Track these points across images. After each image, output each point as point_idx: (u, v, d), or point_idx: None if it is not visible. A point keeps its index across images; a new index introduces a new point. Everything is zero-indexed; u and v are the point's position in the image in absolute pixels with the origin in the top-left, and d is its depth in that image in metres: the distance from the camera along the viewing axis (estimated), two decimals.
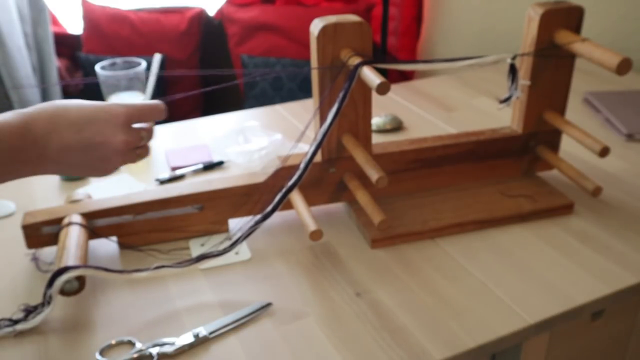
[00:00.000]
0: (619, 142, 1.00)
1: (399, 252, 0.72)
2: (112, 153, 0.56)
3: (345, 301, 0.65)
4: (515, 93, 0.75)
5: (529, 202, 0.79)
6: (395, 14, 2.06)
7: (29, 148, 0.51)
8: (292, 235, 0.76)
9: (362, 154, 0.70)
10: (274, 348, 0.59)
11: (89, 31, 2.13)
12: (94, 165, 0.55)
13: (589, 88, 1.22)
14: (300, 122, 1.09)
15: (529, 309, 0.63)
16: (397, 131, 1.05)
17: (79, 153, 0.53)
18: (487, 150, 0.82)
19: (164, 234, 0.74)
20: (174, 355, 0.58)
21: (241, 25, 2.09)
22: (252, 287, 0.67)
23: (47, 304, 0.60)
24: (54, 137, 0.52)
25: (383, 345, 0.59)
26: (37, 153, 0.52)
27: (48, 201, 0.85)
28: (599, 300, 0.65)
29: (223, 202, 0.74)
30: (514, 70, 0.74)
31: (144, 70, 0.99)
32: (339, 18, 0.68)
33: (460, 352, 0.58)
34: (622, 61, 0.65)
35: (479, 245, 0.74)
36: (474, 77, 1.31)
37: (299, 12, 2.04)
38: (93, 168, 0.56)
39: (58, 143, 0.52)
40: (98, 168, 0.56)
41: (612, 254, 0.71)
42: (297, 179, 0.68)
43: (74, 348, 0.59)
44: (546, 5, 0.75)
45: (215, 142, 1.00)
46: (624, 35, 1.40)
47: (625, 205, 0.81)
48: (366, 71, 0.64)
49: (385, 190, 0.80)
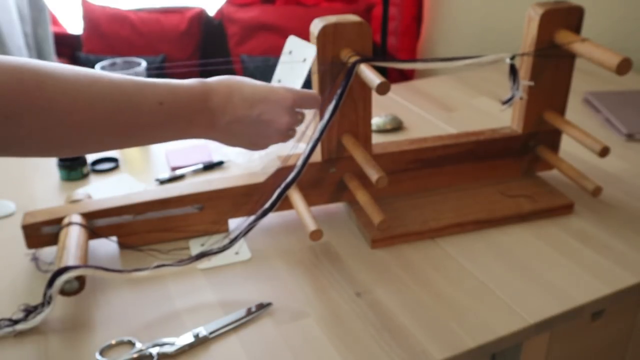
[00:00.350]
0: (619, 142, 1.00)
1: (399, 252, 0.72)
2: (274, 132, 0.61)
3: (345, 301, 0.65)
4: (517, 94, 0.75)
5: (529, 202, 0.79)
6: (395, 14, 2.06)
7: (205, 113, 0.56)
8: (292, 235, 0.76)
9: (362, 154, 0.70)
10: (274, 348, 0.59)
11: (89, 31, 2.13)
12: (254, 140, 0.60)
13: (589, 88, 1.22)
14: None
15: (529, 309, 0.63)
16: (397, 131, 1.05)
17: (245, 127, 0.58)
18: (487, 150, 0.82)
19: (164, 234, 0.74)
20: (174, 355, 0.58)
21: (241, 25, 2.09)
22: (252, 287, 0.67)
23: (47, 304, 0.60)
24: (228, 108, 0.57)
25: (383, 345, 0.59)
26: (210, 120, 0.57)
27: (48, 201, 0.85)
28: (599, 300, 0.65)
29: (223, 202, 0.74)
30: (514, 70, 0.74)
31: (144, 70, 0.99)
32: (339, 18, 0.68)
33: (460, 352, 0.58)
34: (622, 61, 0.65)
35: (479, 245, 0.74)
36: (474, 77, 1.31)
37: (299, 12, 2.05)
38: (253, 142, 0.60)
39: (231, 115, 0.57)
40: (257, 143, 0.61)
41: (612, 254, 0.71)
42: (296, 174, 0.68)
43: (74, 348, 0.59)
44: (546, 5, 0.75)
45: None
46: (624, 35, 1.40)
47: (625, 205, 0.81)
48: (366, 71, 0.64)
49: (385, 190, 0.80)
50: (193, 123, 0.57)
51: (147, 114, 0.53)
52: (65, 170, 0.91)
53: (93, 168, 0.94)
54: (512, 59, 0.72)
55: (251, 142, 0.61)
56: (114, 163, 0.96)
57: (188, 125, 0.56)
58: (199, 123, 0.57)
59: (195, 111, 0.56)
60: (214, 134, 0.59)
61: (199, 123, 0.57)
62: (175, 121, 0.55)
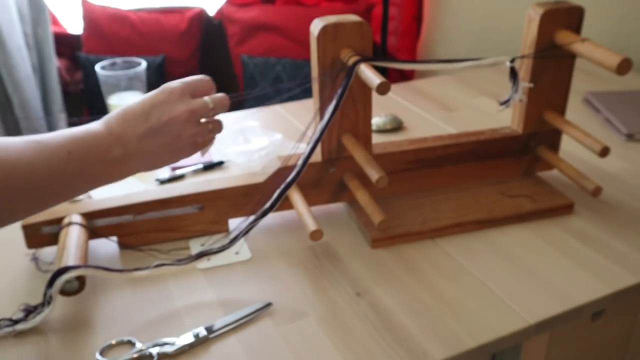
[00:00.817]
0: (619, 142, 1.00)
1: (399, 252, 0.72)
2: (181, 126, 0.57)
3: (345, 301, 0.65)
4: (516, 96, 0.75)
5: (529, 202, 0.79)
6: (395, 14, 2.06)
7: (114, 146, 0.54)
8: (292, 235, 0.76)
9: (362, 154, 0.70)
10: (274, 348, 0.59)
11: (89, 31, 2.13)
12: (172, 145, 0.57)
13: (589, 88, 1.22)
14: (300, 122, 1.09)
15: (529, 309, 0.63)
16: (397, 131, 1.05)
17: (154, 139, 0.55)
18: (487, 150, 0.82)
19: (164, 234, 0.74)
20: (174, 355, 0.58)
21: (241, 25, 2.09)
22: (252, 287, 0.67)
23: (47, 304, 0.60)
24: (129, 131, 0.55)
25: (383, 345, 0.59)
26: (122, 151, 0.55)
27: None
28: (599, 300, 0.65)
29: (223, 202, 0.74)
30: (515, 73, 0.74)
31: (144, 70, 0.99)
32: (339, 18, 0.68)
33: (460, 352, 0.58)
34: (622, 61, 0.65)
35: (479, 245, 0.74)
36: (474, 77, 1.31)
37: (299, 12, 2.05)
38: (173, 149, 0.57)
39: (134, 135, 0.55)
40: (178, 148, 0.57)
41: (612, 254, 0.71)
42: (296, 174, 0.68)
43: (74, 348, 0.59)
44: (546, 5, 0.75)
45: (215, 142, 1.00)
46: (624, 35, 1.40)
47: (625, 205, 0.81)
48: (366, 71, 0.64)
49: (385, 190, 0.80)
50: (108, 161, 0.55)
51: (58, 167, 0.51)
52: None
53: None
54: (511, 61, 0.72)
55: (172, 149, 0.58)
56: None
57: (103, 164, 0.54)
58: (114, 159, 0.55)
59: (104, 148, 0.54)
60: (133, 162, 0.56)
61: (114, 159, 0.55)
62: (89, 164, 0.53)
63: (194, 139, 0.59)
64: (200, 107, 0.59)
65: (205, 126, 0.60)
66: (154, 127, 0.55)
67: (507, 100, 0.76)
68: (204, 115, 0.60)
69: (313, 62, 0.71)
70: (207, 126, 0.60)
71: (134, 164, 0.56)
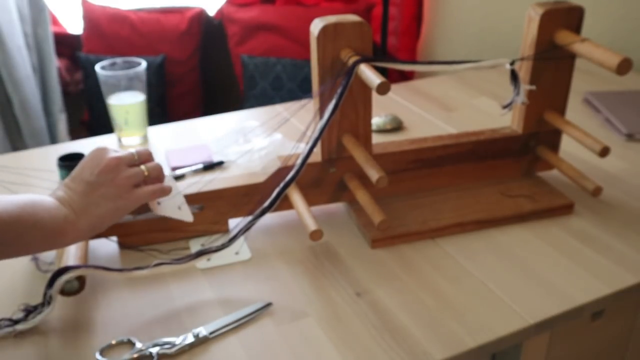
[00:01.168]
0: (619, 142, 1.00)
1: (399, 252, 0.72)
2: (112, 172, 0.60)
3: (345, 301, 0.65)
4: (519, 98, 0.75)
5: (529, 202, 0.79)
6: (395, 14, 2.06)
7: (62, 207, 0.58)
8: (292, 235, 0.76)
9: (362, 154, 0.70)
10: (274, 348, 0.59)
11: (89, 31, 2.13)
12: (111, 192, 0.60)
13: (589, 88, 1.22)
14: (300, 122, 1.09)
15: (529, 309, 0.63)
16: (397, 131, 1.05)
17: (94, 191, 0.59)
18: (487, 151, 0.82)
19: (164, 234, 0.74)
20: (174, 355, 0.58)
21: (241, 25, 2.09)
22: (252, 287, 0.67)
23: (47, 304, 0.60)
24: (70, 194, 0.60)
25: (383, 345, 0.59)
26: (69, 210, 0.58)
27: None
28: (599, 300, 0.65)
29: (223, 202, 0.74)
30: (515, 76, 0.74)
31: (144, 70, 0.99)
32: (339, 18, 0.68)
33: (460, 352, 0.58)
34: (622, 61, 0.65)
35: (479, 245, 0.74)
36: (474, 77, 1.31)
37: (299, 12, 2.04)
38: (114, 196, 0.60)
39: (75, 194, 0.59)
40: (118, 194, 0.60)
41: (612, 254, 0.71)
42: (295, 173, 0.68)
43: (74, 348, 0.59)
44: (546, 6, 0.75)
45: (215, 142, 1.00)
46: (624, 35, 1.40)
47: (625, 205, 0.81)
48: (366, 71, 0.64)
49: (385, 190, 0.80)
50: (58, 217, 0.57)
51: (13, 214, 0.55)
52: (65, 170, 0.91)
53: None
54: (511, 64, 0.72)
55: (112, 197, 0.60)
56: None
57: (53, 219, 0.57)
58: (64, 215, 0.58)
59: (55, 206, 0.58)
60: (83, 219, 0.59)
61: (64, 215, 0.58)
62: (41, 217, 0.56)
63: (130, 181, 0.61)
64: (126, 155, 0.62)
65: (138, 170, 0.62)
66: (89, 181, 0.59)
67: (509, 103, 0.76)
68: (131, 162, 0.62)
69: (313, 62, 0.71)
70: (141, 168, 0.62)
71: (83, 221, 0.59)
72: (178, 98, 2.17)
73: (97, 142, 1.03)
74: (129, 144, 1.02)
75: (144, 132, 1.03)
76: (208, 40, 2.24)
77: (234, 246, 0.73)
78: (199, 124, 1.11)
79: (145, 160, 0.64)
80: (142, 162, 0.63)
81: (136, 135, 1.02)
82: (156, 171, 0.64)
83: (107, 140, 1.04)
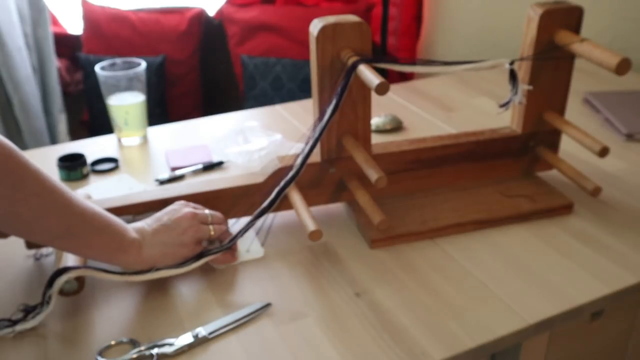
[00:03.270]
0: (619, 142, 1.00)
1: (398, 252, 0.72)
2: (186, 223, 0.67)
3: (344, 301, 0.65)
4: (516, 98, 0.75)
5: (529, 202, 0.79)
6: (395, 14, 2.06)
7: (131, 231, 0.64)
8: (292, 235, 0.76)
9: (361, 154, 0.70)
10: (273, 348, 0.59)
11: (89, 31, 2.13)
12: (179, 239, 0.66)
13: (588, 88, 1.22)
14: (300, 123, 1.09)
15: (529, 309, 0.63)
16: (397, 131, 1.05)
17: (165, 232, 0.66)
18: (487, 151, 0.82)
19: None
20: (174, 356, 0.58)
21: (241, 25, 2.09)
22: (251, 288, 0.67)
23: (46, 304, 0.60)
24: (145, 226, 0.66)
25: (382, 345, 0.59)
26: (137, 237, 0.64)
27: None
28: (599, 300, 0.65)
29: (222, 202, 0.74)
30: (514, 75, 0.74)
31: (143, 70, 0.99)
32: (338, 18, 0.68)
33: (459, 352, 0.58)
34: (621, 61, 0.65)
35: (478, 245, 0.74)
36: (474, 77, 1.31)
37: (299, 12, 2.04)
38: (180, 243, 0.66)
39: (149, 229, 0.66)
40: (183, 242, 0.66)
41: (612, 254, 0.71)
42: (295, 173, 0.68)
43: (73, 348, 0.59)
44: (546, 5, 0.75)
45: (215, 142, 1.00)
46: (623, 35, 1.40)
47: (625, 205, 0.81)
48: (365, 71, 0.64)
49: (384, 191, 0.80)
50: (125, 238, 0.63)
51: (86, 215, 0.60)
52: (65, 171, 0.91)
53: (93, 168, 0.94)
54: (511, 64, 0.72)
55: (177, 243, 0.66)
56: (114, 163, 0.96)
57: (121, 236, 0.62)
58: (130, 239, 0.63)
59: (123, 229, 0.63)
60: (147, 249, 0.64)
61: (130, 239, 0.63)
62: (109, 232, 0.62)
63: (197, 235, 0.67)
64: (202, 214, 0.69)
65: (207, 228, 0.69)
66: (164, 224, 0.66)
67: (506, 102, 0.76)
68: (204, 220, 0.69)
69: (312, 63, 0.71)
70: (209, 228, 0.69)
71: (147, 252, 0.64)
72: (178, 98, 2.17)
73: (97, 142, 1.03)
74: (129, 144, 1.02)
75: (143, 132, 1.03)
76: (208, 40, 2.24)
77: (244, 244, 0.73)
78: (199, 124, 1.11)
79: (217, 222, 0.70)
80: (213, 223, 0.70)
81: (136, 136, 1.02)
82: (221, 233, 0.70)
83: (107, 141, 1.04)
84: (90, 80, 2.07)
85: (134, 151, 1.00)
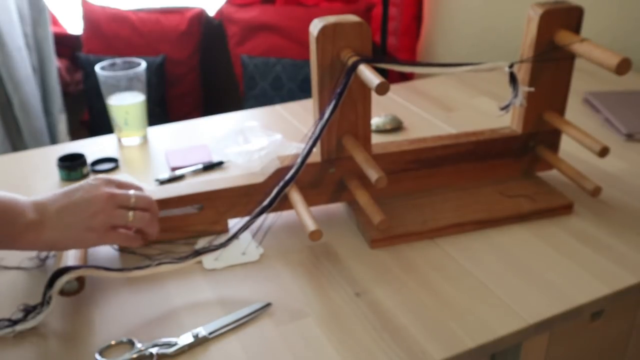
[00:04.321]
0: (619, 142, 1.00)
1: (398, 252, 0.73)
2: (99, 206, 0.60)
3: (344, 301, 0.65)
4: (516, 100, 0.75)
5: (529, 202, 0.79)
6: (395, 14, 2.06)
7: (29, 211, 0.59)
8: (292, 235, 0.76)
9: (361, 154, 0.70)
10: (273, 348, 0.59)
11: (89, 31, 2.13)
12: (87, 222, 0.60)
13: (588, 88, 1.22)
14: (300, 123, 1.09)
15: (529, 309, 0.63)
16: (397, 131, 1.06)
17: (71, 213, 0.59)
18: (487, 151, 0.82)
19: (164, 234, 0.74)
20: (174, 356, 0.58)
21: (241, 25, 2.09)
22: (251, 287, 0.67)
23: (46, 304, 0.60)
24: (48, 202, 0.60)
25: (382, 345, 0.59)
26: (36, 217, 0.59)
27: None
28: (599, 300, 0.65)
29: (223, 202, 0.74)
30: (514, 78, 0.74)
31: (143, 70, 0.99)
32: (338, 18, 0.68)
33: (459, 352, 0.58)
34: (621, 61, 0.65)
35: (478, 245, 0.74)
36: (473, 77, 1.31)
37: (299, 12, 2.04)
38: (87, 227, 0.60)
39: (53, 206, 0.60)
40: (92, 227, 0.60)
41: (612, 254, 0.71)
42: (294, 173, 0.68)
43: (73, 348, 0.59)
44: (546, 5, 0.75)
45: (215, 142, 1.00)
46: (623, 35, 1.40)
47: (625, 205, 0.81)
48: (365, 71, 0.64)
49: (385, 191, 0.80)
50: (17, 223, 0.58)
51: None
52: (65, 171, 0.91)
53: (93, 168, 0.94)
54: (510, 67, 0.72)
55: (84, 227, 0.60)
56: (114, 163, 0.96)
57: (11, 224, 0.58)
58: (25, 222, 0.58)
59: (19, 211, 0.58)
60: (47, 231, 0.59)
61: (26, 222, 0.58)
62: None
63: (110, 221, 0.61)
64: (122, 195, 0.62)
65: (125, 214, 0.62)
66: (74, 201, 0.60)
67: (507, 105, 0.76)
68: (123, 204, 0.62)
69: (312, 63, 0.71)
70: (127, 214, 0.62)
71: (47, 234, 0.59)
72: (178, 98, 2.17)
73: (97, 142, 1.03)
74: (129, 144, 1.02)
75: (143, 132, 1.03)
76: (208, 40, 2.24)
77: (240, 247, 0.73)
78: (199, 124, 1.11)
79: (141, 207, 0.64)
80: (137, 208, 0.63)
81: (136, 136, 1.02)
82: (145, 223, 0.64)
83: (107, 141, 1.04)
84: (90, 80, 2.07)
85: (134, 151, 1.00)
